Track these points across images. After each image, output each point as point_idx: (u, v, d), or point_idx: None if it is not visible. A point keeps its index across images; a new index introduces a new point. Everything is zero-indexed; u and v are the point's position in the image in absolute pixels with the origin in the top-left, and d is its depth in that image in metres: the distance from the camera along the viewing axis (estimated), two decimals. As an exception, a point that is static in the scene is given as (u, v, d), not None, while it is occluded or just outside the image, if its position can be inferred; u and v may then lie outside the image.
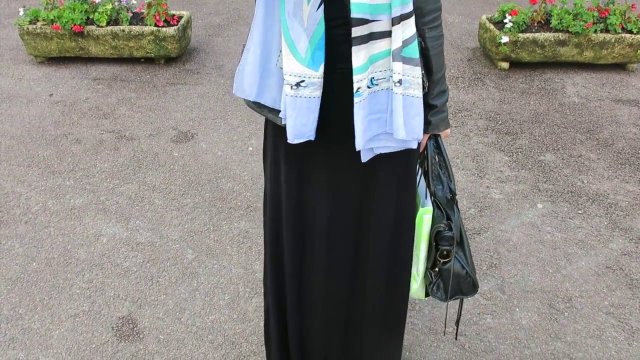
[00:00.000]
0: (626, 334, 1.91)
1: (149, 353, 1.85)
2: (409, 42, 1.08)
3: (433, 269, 1.37)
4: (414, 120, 1.13)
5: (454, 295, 1.39)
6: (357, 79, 1.06)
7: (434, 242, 1.34)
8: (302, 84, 1.06)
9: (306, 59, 1.05)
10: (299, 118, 1.09)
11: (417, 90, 1.11)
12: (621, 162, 2.86)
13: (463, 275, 1.36)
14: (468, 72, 3.88)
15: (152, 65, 3.95)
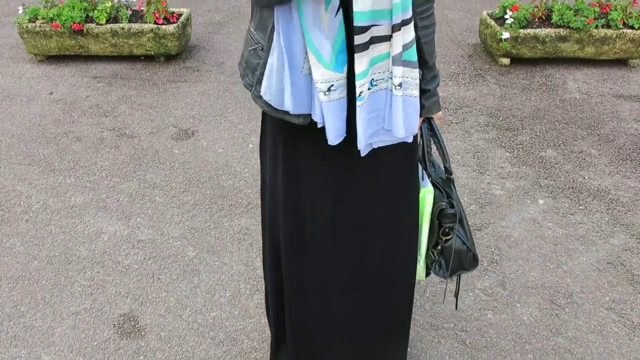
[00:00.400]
0: (627, 329, 1.91)
1: (151, 350, 1.86)
2: (409, 46, 1.11)
3: (435, 247, 1.40)
4: (411, 118, 1.17)
5: (455, 272, 1.41)
6: (359, 84, 1.09)
7: (437, 220, 1.36)
8: (332, 87, 1.09)
9: (331, 64, 1.07)
10: (336, 121, 1.13)
11: (415, 90, 1.15)
12: (622, 158, 2.86)
13: (464, 250, 1.38)
14: (469, 68, 3.87)
15: (152, 63, 3.95)
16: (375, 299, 1.45)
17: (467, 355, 1.82)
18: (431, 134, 1.38)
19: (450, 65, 3.91)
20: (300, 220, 1.36)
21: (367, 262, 1.39)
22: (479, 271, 2.15)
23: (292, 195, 1.34)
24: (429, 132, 1.37)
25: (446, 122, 3.19)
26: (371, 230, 1.36)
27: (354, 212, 1.34)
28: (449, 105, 3.39)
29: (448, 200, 1.36)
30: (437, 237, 1.38)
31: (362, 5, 1.03)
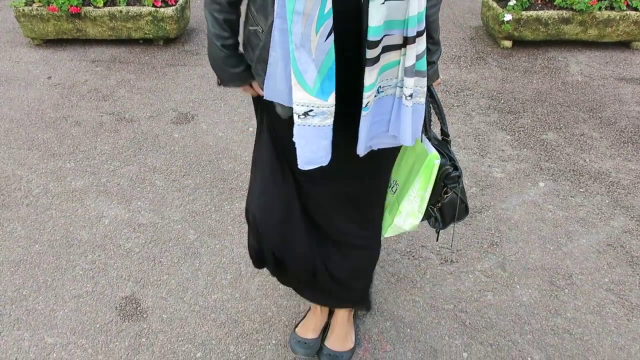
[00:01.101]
0: (626, 310, 1.92)
1: (153, 332, 1.87)
2: (421, 56, 1.11)
3: (435, 205, 1.47)
4: (418, 124, 1.19)
5: (449, 223, 1.51)
6: (367, 96, 1.08)
7: (442, 183, 1.44)
8: (310, 113, 1.06)
9: (314, 89, 1.04)
10: (308, 146, 1.10)
11: (422, 97, 1.16)
12: (624, 141, 2.85)
13: (458, 203, 1.47)
14: (470, 51, 3.84)
15: (150, 47, 3.92)
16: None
17: (466, 336, 1.84)
18: (431, 100, 1.44)
19: (451, 48, 3.88)
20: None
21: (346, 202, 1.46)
22: (479, 253, 2.15)
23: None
24: (429, 99, 1.43)
25: (447, 105, 3.18)
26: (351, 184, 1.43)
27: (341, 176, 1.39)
28: (450, 88, 3.37)
29: (451, 163, 1.44)
30: (438, 196, 1.46)
31: (378, 19, 1.01)
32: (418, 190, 1.46)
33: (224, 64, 1.25)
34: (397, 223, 1.52)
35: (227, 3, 1.18)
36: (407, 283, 2.04)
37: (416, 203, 1.48)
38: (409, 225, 1.51)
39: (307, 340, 1.75)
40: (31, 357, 1.79)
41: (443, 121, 1.47)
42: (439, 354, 1.78)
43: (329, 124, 1.08)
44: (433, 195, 1.47)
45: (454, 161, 1.45)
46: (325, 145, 1.11)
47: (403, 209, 1.50)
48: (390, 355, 1.78)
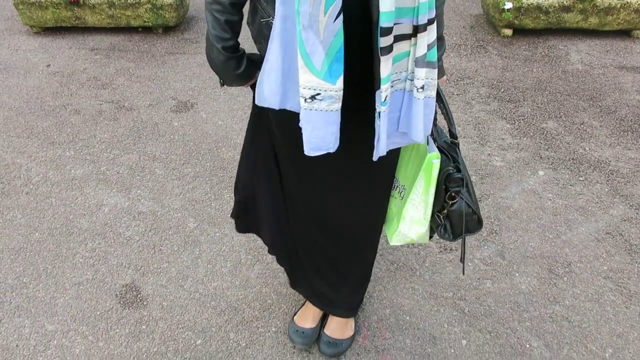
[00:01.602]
0: (624, 297, 1.93)
1: (153, 319, 1.88)
2: (432, 45, 1.08)
3: (441, 212, 1.40)
4: (429, 119, 1.15)
5: (460, 235, 1.42)
6: (384, 89, 1.04)
7: (444, 185, 1.37)
8: (317, 97, 1.03)
9: (322, 72, 1.02)
10: (315, 131, 1.07)
11: (433, 91, 1.12)
12: (624, 129, 2.84)
13: (469, 213, 1.38)
14: (471, 39, 3.82)
15: (150, 35, 3.90)
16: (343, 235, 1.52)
17: (465, 323, 1.85)
18: (438, 98, 1.37)
19: (452, 37, 3.86)
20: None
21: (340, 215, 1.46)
22: (478, 241, 2.16)
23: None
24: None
25: (447, 94, 3.17)
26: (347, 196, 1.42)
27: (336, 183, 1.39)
28: (450, 76, 3.35)
29: (454, 164, 1.37)
30: (443, 201, 1.39)
31: (389, 4, 0.98)
32: (422, 195, 1.40)
33: (226, 67, 1.21)
34: (402, 230, 1.45)
35: (229, 4, 1.14)
36: (406, 271, 2.04)
37: (421, 209, 1.42)
38: (416, 234, 1.44)
39: (305, 329, 1.76)
40: (32, 344, 1.80)
41: (451, 122, 1.40)
42: (438, 341, 1.80)
43: (337, 109, 1.06)
44: (437, 199, 1.40)
45: (457, 163, 1.38)
46: (334, 131, 1.08)
47: (407, 214, 1.43)
48: (389, 343, 1.79)
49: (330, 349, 1.73)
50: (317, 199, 1.44)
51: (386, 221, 1.56)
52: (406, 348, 1.78)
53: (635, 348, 1.76)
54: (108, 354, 1.77)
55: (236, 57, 1.21)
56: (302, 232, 1.55)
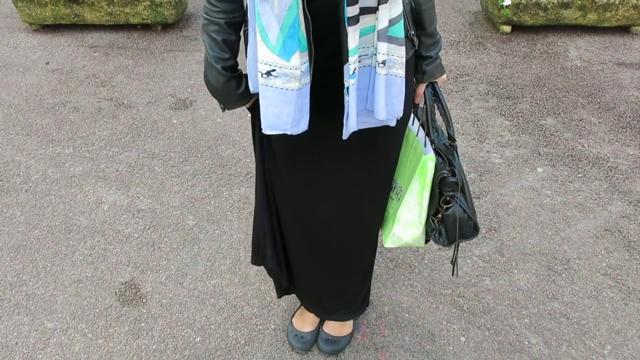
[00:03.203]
0: (623, 294, 1.94)
1: (152, 317, 1.88)
2: (395, 21, 1.05)
3: (436, 216, 1.37)
4: (395, 100, 1.11)
5: (455, 240, 1.38)
6: (353, 61, 1.02)
7: (438, 189, 1.34)
8: (272, 73, 1.01)
9: (277, 47, 0.99)
10: (270, 108, 1.05)
11: (400, 70, 1.09)
12: (622, 126, 2.84)
13: (465, 219, 1.35)
14: (469, 36, 3.82)
15: (148, 32, 3.89)
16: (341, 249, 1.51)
17: (464, 321, 1.85)
18: (435, 99, 1.35)
19: (450, 34, 3.86)
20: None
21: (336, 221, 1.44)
22: (477, 238, 2.16)
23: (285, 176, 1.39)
24: (432, 97, 1.34)
25: (446, 91, 3.17)
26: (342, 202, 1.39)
27: (330, 183, 1.36)
28: (449, 73, 3.35)
29: (450, 168, 1.33)
30: (437, 205, 1.36)
31: None
32: (416, 197, 1.37)
33: (226, 88, 1.18)
34: (396, 232, 1.43)
35: (225, 24, 1.12)
36: (405, 268, 2.05)
37: (415, 211, 1.39)
38: (410, 236, 1.42)
39: (304, 334, 1.76)
40: (31, 341, 1.81)
41: (449, 124, 1.36)
42: (437, 338, 1.80)
43: (293, 88, 1.03)
44: (431, 203, 1.37)
45: (453, 167, 1.34)
46: (290, 112, 1.05)
47: (401, 216, 1.41)
48: (388, 340, 1.80)
49: (329, 347, 1.74)
50: (311, 202, 1.41)
51: (383, 222, 1.55)
52: (405, 345, 1.78)
53: (633, 344, 1.77)
54: (107, 352, 1.77)
55: (236, 76, 1.18)
56: (298, 247, 1.54)
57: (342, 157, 1.30)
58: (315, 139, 1.23)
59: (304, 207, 1.42)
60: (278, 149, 1.33)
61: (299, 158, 1.32)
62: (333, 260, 1.53)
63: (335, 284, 1.61)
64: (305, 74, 1.04)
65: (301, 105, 1.06)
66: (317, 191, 1.37)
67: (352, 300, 1.69)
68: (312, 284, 1.64)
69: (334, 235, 1.46)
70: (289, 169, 1.36)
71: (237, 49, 1.18)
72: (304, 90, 1.05)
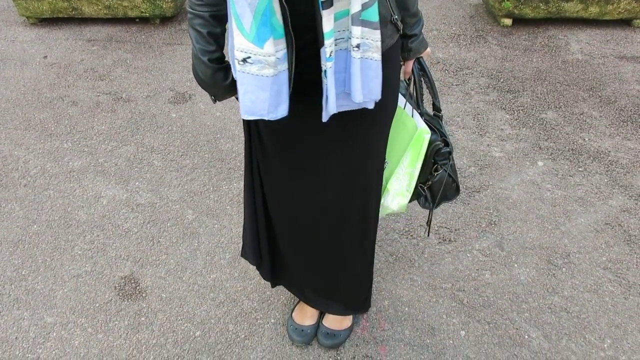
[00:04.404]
0: (623, 288, 1.93)
1: (152, 311, 1.88)
2: (368, 5, 1.06)
3: (425, 183, 1.44)
4: (372, 83, 1.12)
5: (440, 203, 1.48)
6: (329, 44, 1.03)
7: (432, 159, 1.40)
8: (248, 60, 1.03)
9: (251, 34, 1.01)
10: (247, 94, 1.07)
11: (376, 53, 1.10)
12: (623, 120, 2.83)
13: (449, 182, 1.44)
14: (470, 29, 3.80)
15: (147, 25, 3.87)
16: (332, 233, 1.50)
17: (464, 314, 1.85)
18: (422, 73, 1.40)
19: (451, 27, 3.84)
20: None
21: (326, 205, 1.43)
22: (477, 232, 2.16)
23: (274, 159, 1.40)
24: (420, 72, 1.40)
25: (447, 84, 3.15)
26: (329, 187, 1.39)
27: (317, 168, 1.36)
28: (449, 67, 3.34)
29: (442, 138, 1.39)
30: (428, 174, 1.42)
31: None
32: (407, 168, 1.41)
33: (214, 79, 1.21)
34: (385, 203, 1.46)
35: (210, 16, 1.15)
36: (405, 262, 2.04)
37: (404, 181, 1.43)
38: (397, 205, 1.45)
39: (304, 327, 1.76)
40: (31, 336, 1.80)
41: (435, 95, 1.43)
42: (437, 332, 1.80)
43: (268, 75, 1.05)
44: (423, 172, 1.43)
45: (445, 137, 1.41)
46: (266, 98, 1.08)
47: (391, 187, 1.44)
48: (388, 334, 1.80)
49: (328, 340, 1.74)
50: (301, 191, 1.41)
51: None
52: (405, 339, 1.78)
53: (633, 339, 1.77)
54: (107, 346, 1.77)
55: (223, 68, 1.20)
56: (288, 238, 1.54)
57: (328, 144, 1.31)
58: (301, 125, 1.25)
59: (293, 197, 1.42)
60: (266, 137, 1.34)
61: (286, 145, 1.33)
62: (325, 252, 1.52)
63: (330, 278, 1.60)
64: (282, 60, 1.06)
65: (278, 92, 1.08)
66: (306, 178, 1.38)
67: (350, 297, 1.68)
68: (306, 278, 1.64)
69: (324, 225, 1.46)
70: (277, 156, 1.36)
71: (223, 41, 1.20)
72: (280, 77, 1.07)
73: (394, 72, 1.32)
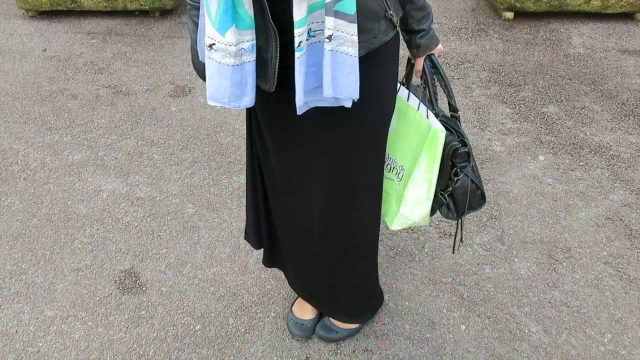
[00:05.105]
0: (623, 282, 1.93)
1: (152, 305, 1.88)
2: None
3: (445, 190, 1.34)
4: (347, 79, 1.07)
5: (464, 212, 1.36)
6: (298, 33, 1.00)
7: (450, 161, 1.31)
8: (213, 46, 1.03)
9: (215, 22, 1.00)
10: (211, 80, 1.07)
11: (351, 48, 1.05)
12: (625, 114, 2.82)
13: (473, 189, 1.33)
14: (471, 22, 3.78)
15: (147, 18, 3.85)
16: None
17: (464, 309, 1.85)
18: (434, 71, 1.33)
19: (452, 20, 3.82)
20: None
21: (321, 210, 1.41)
22: (477, 226, 2.15)
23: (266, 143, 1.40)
24: (431, 70, 1.33)
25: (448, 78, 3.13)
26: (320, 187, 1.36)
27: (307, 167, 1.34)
28: (450, 60, 3.32)
29: (459, 139, 1.30)
30: (447, 179, 1.33)
31: None
32: (424, 173, 1.32)
33: None
34: (404, 212, 1.37)
35: None
36: (405, 256, 2.04)
37: (424, 188, 1.34)
38: (418, 215, 1.36)
39: (305, 321, 1.75)
40: (31, 329, 1.81)
41: (450, 94, 1.35)
42: (437, 327, 1.80)
43: (228, 64, 1.04)
44: (442, 177, 1.33)
45: (463, 137, 1.31)
46: (227, 86, 1.06)
47: (409, 195, 1.35)
48: (388, 328, 1.79)
49: (324, 332, 1.72)
50: (297, 189, 1.39)
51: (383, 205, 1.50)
52: (405, 333, 1.78)
53: (634, 333, 1.77)
54: (107, 339, 1.77)
55: None
56: (287, 231, 1.53)
57: (318, 142, 1.28)
58: (292, 122, 1.23)
59: (287, 193, 1.42)
60: (265, 130, 1.34)
61: (281, 140, 1.32)
62: (320, 255, 1.50)
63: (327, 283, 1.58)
64: (248, 52, 1.04)
65: (240, 82, 1.06)
66: (298, 175, 1.36)
67: (349, 304, 1.66)
68: (304, 280, 1.63)
69: (318, 227, 1.43)
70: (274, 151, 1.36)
71: None
72: (244, 67, 1.05)
73: (388, 69, 1.26)
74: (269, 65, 1.09)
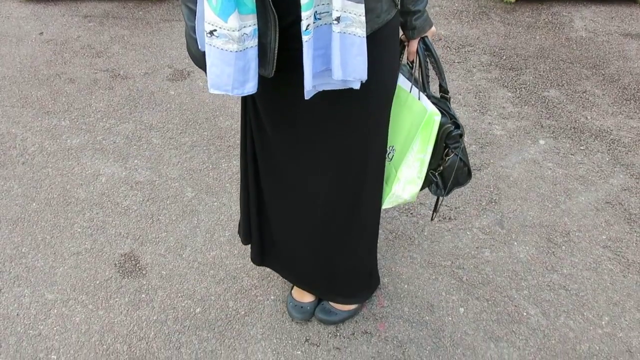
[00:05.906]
0: (622, 266, 1.94)
1: (152, 288, 1.89)
2: None
3: (436, 169, 1.38)
4: (355, 60, 1.06)
5: (452, 189, 1.42)
6: (306, 16, 0.99)
7: (444, 143, 1.34)
8: (214, 33, 1.01)
9: (216, 7, 0.98)
10: (213, 68, 1.05)
11: (359, 29, 1.04)
12: (626, 98, 2.81)
13: (461, 166, 1.38)
14: (473, 5, 3.74)
15: (144, 2, 3.81)
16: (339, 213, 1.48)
17: (463, 292, 1.86)
18: (428, 53, 1.35)
19: (453, 2, 3.78)
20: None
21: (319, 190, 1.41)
22: (477, 210, 2.15)
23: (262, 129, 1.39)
24: (425, 52, 1.35)
25: (448, 61, 3.12)
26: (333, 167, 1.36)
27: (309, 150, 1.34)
28: (451, 44, 3.30)
29: (452, 121, 1.33)
30: (439, 159, 1.37)
31: None
32: (417, 154, 1.35)
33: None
34: (396, 192, 1.41)
35: None
36: (405, 240, 2.04)
37: (415, 168, 1.37)
38: (409, 194, 1.40)
39: (304, 304, 1.76)
40: (32, 312, 1.81)
41: (441, 76, 1.38)
42: (436, 309, 1.81)
43: (232, 50, 1.02)
44: (434, 158, 1.37)
45: (455, 119, 1.34)
46: (230, 73, 1.05)
47: (402, 175, 1.38)
48: (387, 311, 1.80)
49: (323, 315, 1.73)
50: (295, 173, 1.39)
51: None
52: (404, 316, 1.79)
53: (631, 316, 1.78)
54: (108, 322, 1.78)
55: None
56: (281, 217, 1.53)
57: (321, 125, 1.28)
58: (293, 105, 1.23)
59: (287, 179, 1.41)
60: (263, 114, 1.33)
61: (281, 124, 1.31)
62: (318, 237, 1.50)
63: (323, 264, 1.59)
64: (250, 37, 1.03)
65: (243, 68, 1.05)
66: (299, 159, 1.36)
67: (349, 284, 1.67)
68: (298, 264, 1.63)
69: (317, 210, 1.44)
70: (273, 135, 1.35)
71: None
72: (247, 53, 1.04)
73: (391, 49, 1.26)
74: (268, 50, 1.08)
